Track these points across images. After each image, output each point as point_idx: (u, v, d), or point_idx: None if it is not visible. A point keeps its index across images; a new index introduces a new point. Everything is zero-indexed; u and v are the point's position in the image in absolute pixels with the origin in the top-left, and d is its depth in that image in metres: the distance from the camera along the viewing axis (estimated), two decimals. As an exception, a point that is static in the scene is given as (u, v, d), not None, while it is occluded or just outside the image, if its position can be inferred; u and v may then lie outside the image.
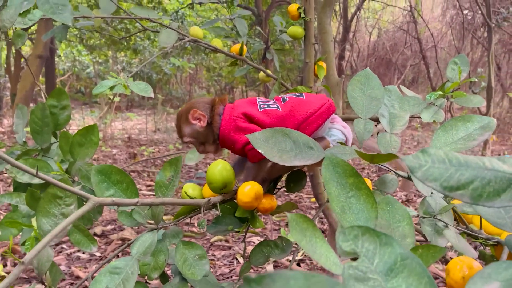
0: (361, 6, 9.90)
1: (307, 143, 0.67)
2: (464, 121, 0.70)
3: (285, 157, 0.65)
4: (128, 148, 5.25)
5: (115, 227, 2.52)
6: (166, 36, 1.43)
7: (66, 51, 10.63)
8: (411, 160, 0.38)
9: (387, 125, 0.76)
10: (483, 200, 0.35)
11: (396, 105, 0.80)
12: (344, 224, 0.48)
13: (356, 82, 0.79)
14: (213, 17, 9.71)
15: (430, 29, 12.72)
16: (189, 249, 0.82)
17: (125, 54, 10.35)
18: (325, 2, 1.66)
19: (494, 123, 0.69)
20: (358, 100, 0.76)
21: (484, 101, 1.10)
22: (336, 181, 0.51)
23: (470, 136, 0.68)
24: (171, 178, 0.85)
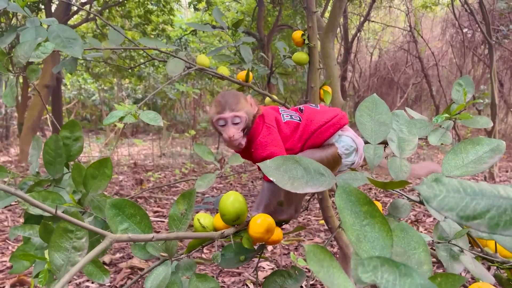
0: (361, 27, 10.04)
1: (318, 170, 0.68)
2: (474, 144, 0.71)
3: (297, 184, 0.66)
4: (135, 174, 5.26)
5: (124, 255, 2.51)
6: (174, 65, 1.46)
7: (72, 80, 10.80)
8: (426, 190, 0.39)
9: (396, 149, 0.77)
10: (500, 229, 0.35)
11: (405, 129, 0.81)
12: (361, 253, 0.48)
13: (363, 108, 0.80)
14: (216, 42, 9.86)
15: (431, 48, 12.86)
16: (202, 282, 0.83)
17: (130, 81, 10.51)
18: (327, 28, 1.69)
19: (504, 145, 0.69)
20: (366, 126, 0.77)
21: (491, 122, 1.11)
22: (350, 210, 0.51)
23: (480, 159, 0.68)
24: (185, 211, 0.85)
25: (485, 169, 0.67)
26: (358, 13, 10.79)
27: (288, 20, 7.52)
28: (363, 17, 9.78)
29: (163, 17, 9.09)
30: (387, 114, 0.79)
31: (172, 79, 1.42)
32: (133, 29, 9.23)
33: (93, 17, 7.62)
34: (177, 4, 9.28)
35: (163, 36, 9.03)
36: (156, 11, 8.92)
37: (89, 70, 8.65)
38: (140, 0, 8.49)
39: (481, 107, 5.51)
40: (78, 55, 1.19)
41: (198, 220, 0.92)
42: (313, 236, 2.84)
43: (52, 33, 1.15)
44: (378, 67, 13.74)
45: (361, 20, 10.14)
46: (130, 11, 8.72)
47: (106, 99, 11.53)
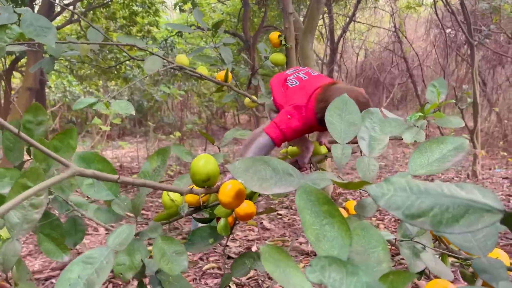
0: (346, 28, 10.11)
1: (287, 170, 0.69)
2: (439, 143, 0.72)
3: (265, 185, 0.66)
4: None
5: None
6: (151, 63, 1.46)
7: (56, 82, 10.67)
8: (375, 189, 0.39)
9: (366, 148, 0.78)
10: (443, 226, 0.36)
11: (377, 128, 0.82)
12: (320, 252, 0.49)
13: (334, 108, 0.81)
14: (202, 44, 9.84)
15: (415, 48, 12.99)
16: (168, 244, 0.79)
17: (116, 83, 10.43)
18: (306, 29, 1.70)
19: (467, 143, 0.71)
20: (336, 126, 0.78)
21: (463, 122, 1.13)
22: (311, 209, 0.52)
23: (444, 158, 0.70)
24: (157, 168, 0.84)
25: (448, 167, 0.68)
26: (344, 14, 10.88)
27: (274, 21, 7.54)
28: (349, 18, 9.87)
29: (149, 19, 9.04)
30: (356, 114, 0.80)
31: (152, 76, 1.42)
32: (118, 31, 9.17)
33: (76, 19, 7.55)
34: (162, 5, 9.24)
35: (148, 37, 8.98)
36: (141, 13, 8.87)
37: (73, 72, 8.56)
38: (125, 2, 8.44)
39: (463, 106, 5.59)
40: (52, 43, 1.16)
41: (168, 195, 0.92)
42: (298, 236, 2.86)
43: (25, 22, 1.13)
44: (364, 67, 13.86)
45: (346, 20, 10.23)
46: (115, 13, 8.65)
47: (92, 102, 11.40)
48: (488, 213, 0.36)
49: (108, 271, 0.67)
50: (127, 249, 0.77)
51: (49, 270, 2.06)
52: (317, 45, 12.18)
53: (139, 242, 0.81)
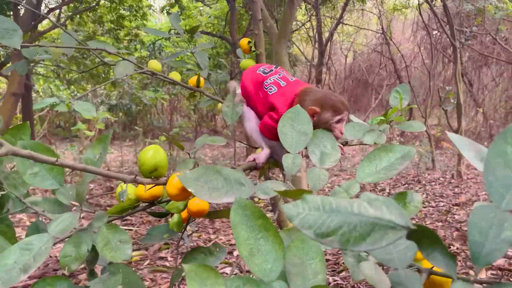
0: (333, 31, 10.16)
1: (239, 180, 0.69)
2: (387, 151, 0.73)
3: (215, 194, 0.66)
4: (107, 182, 5.19)
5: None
6: (123, 67, 1.45)
7: (43, 87, 10.58)
8: (290, 208, 0.40)
9: (317, 161, 0.79)
10: (350, 245, 0.37)
11: (328, 145, 0.84)
12: (252, 267, 0.50)
13: (287, 118, 0.82)
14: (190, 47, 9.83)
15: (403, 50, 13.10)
16: (113, 233, 0.78)
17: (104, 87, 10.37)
18: (280, 34, 1.72)
19: (414, 152, 0.72)
20: (288, 136, 0.79)
21: (424, 126, 1.15)
22: (246, 224, 0.52)
23: (391, 166, 0.71)
24: (100, 154, 0.84)
25: (394, 175, 0.70)
26: (331, 16, 10.93)
27: (260, 24, 7.56)
28: (337, 20, 9.92)
29: (136, 22, 9.00)
30: (308, 124, 0.81)
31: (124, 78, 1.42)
32: (106, 35, 9.13)
33: (63, 23, 7.50)
34: (150, 9, 9.22)
35: (136, 41, 8.96)
36: (129, 16, 8.83)
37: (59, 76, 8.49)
38: (112, 5, 8.40)
39: (447, 107, 5.65)
40: (17, 46, 1.16)
41: (121, 188, 0.92)
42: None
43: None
44: (353, 69, 13.95)
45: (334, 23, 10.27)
46: (102, 16, 8.62)
47: (80, 106, 11.33)
48: (392, 230, 0.37)
49: (45, 255, 0.67)
50: (74, 240, 0.77)
51: (27, 279, 2.05)
52: (306, 48, 12.22)
53: (86, 233, 0.79)
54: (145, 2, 8.89)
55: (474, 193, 4.13)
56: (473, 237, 0.37)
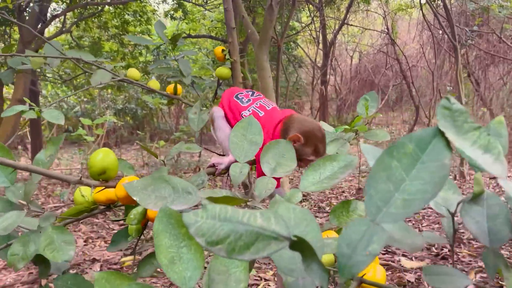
0: (338, 31, 10.13)
1: (186, 189, 0.71)
2: (332, 160, 0.74)
3: (160, 203, 0.68)
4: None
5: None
6: (100, 76, 1.48)
7: (51, 92, 10.73)
8: (189, 217, 0.42)
9: (269, 171, 0.79)
10: (235, 253, 0.38)
11: (286, 155, 0.84)
12: (171, 274, 0.51)
13: (239, 128, 0.83)
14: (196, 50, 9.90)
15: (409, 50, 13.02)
16: (58, 234, 0.80)
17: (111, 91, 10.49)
18: (261, 40, 1.73)
19: (356, 161, 0.73)
20: (238, 145, 0.80)
21: (389, 135, 1.15)
22: (170, 233, 0.54)
23: (334, 175, 0.72)
24: (51, 156, 0.87)
25: (336, 183, 0.71)
26: (336, 17, 10.91)
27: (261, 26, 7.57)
28: (341, 21, 9.89)
29: (141, 27, 9.09)
30: (260, 134, 0.83)
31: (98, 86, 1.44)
32: (111, 40, 9.23)
33: (68, 29, 7.60)
34: (154, 14, 9.29)
35: (141, 46, 9.03)
36: (133, 22, 8.92)
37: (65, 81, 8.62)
38: (117, 11, 8.50)
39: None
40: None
41: (80, 191, 0.94)
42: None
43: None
44: (358, 70, 13.89)
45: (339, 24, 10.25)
46: (107, 22, 8.71)
47: (88, 111, 11.48)
48: (275, 240, 0.38)
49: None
50: (22, 239, 0.78)
51: (19, 284, 2.09)
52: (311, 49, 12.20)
53: (35, 234, 0.81)
54: (149, 7, 8.97)
55: (476, 194, 4.09)
56: (342, 249, 0.38)
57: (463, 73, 10.06)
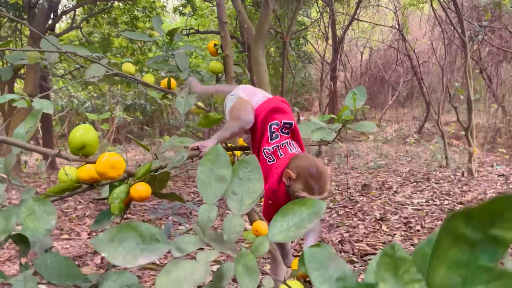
0: (347, 27, 10.06)
1: (154, 236, 0.67)
2: (300, 205, 0.70)
3: (129, 256, 0.64)
4: (117, 180, 5.31)
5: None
6: (94, 70, 1.51)
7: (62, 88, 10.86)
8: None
9: (235, 205, 0.74)
10: None
11: (253, 176, 0.78)
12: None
13: (206, 161, 0.76)
14: (203, 47, 9.92)
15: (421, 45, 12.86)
16: (39, 205, 0.81)
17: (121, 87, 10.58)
18: (257, 35, 1.73)
19: (324, 209, 0.69)
20: (206, 183, 0.74)
21: (375, 126, 1.15)
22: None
23: (301, 223, 0.68)
24: (30, 128, 0.89)
25: (304, 233, 0.67)
26: (346, 12, 10.82)
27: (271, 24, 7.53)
28: (351, 17, 9.81)
29: (150, 23, 9.14)
30: (227, 167, 0.76)
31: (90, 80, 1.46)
32: (121, 36, 9.31)
33: (77, 25, 7.69)
34: (163, 10, 9.33)
35: (150, 42, 9.08)
36: (143, 17, 8.98)
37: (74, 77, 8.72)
38: (126, 7, 8.55)
39: (456, 104, 5.54)
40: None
41: (64, 170, 0.97)
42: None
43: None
44: (369, 66, 13.78)
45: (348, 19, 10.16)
46: (117, 18, 8.78)
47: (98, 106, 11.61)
48: None
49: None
50: (4, 213, 0.79)
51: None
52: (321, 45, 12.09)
53: (17, 208, 0.81)
54: (158, 3, 9.01)
55: (482, 191, 4.04)
56: None
57: (476, 69, 9.92)
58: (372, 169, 6.26)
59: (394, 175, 5.60)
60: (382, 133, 11.42)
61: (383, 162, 6.99)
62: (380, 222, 3.08)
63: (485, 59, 10.07)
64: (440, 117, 6.49)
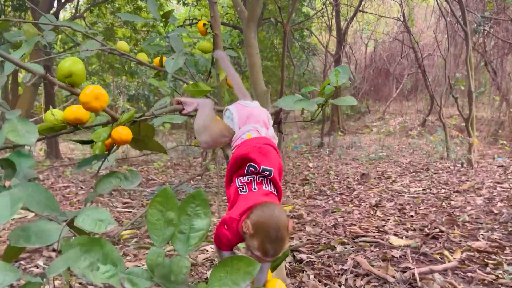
0: (352, 19, 10.00)
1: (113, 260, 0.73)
2: (238, 261, 0.77)
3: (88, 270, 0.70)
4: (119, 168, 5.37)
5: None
6: (89, 45, 1.54)
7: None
8: None
9: (182, 246, 0.77)
10: None
11: (200, 210, 0.81)
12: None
13: (155, 203, 0.79)
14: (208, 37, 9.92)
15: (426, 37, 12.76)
16: (22, 124, 0.88)
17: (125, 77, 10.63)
18: (249, 18, 1.76)
19: (257, 269, 0.75)
20: (156, 226, 0.78)
21: (355, 100, 1.18)
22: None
23: (236, 279, 0.74)
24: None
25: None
26: (351, 3, 10.76)
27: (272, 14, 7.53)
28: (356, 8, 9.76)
29: (154, 13, 9.13)
30: (176, 209, 0.79)
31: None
32: (124, 26, 9.33)
33: (81, 15, 7.73)
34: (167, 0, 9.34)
35: (153, 31, 9.10)
36: (146, 8, 8.98)
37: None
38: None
39: (457, 94, 5.52)
40: None
41: (51, 111, 1.04)
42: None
43: None
44: (373, 58, 13.71)
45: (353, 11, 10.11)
46: (120, 8, 8.81)
47: (103, 96, 11.69)
48: None
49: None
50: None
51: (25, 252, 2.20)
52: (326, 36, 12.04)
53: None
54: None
55: (480, 181, 4.05)
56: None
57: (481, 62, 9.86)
58: (373, 160, 6.28)
59: (394, 165, 5.61)
60: (385, 126, 11.40)
61: (385, 154, 7.01)
62: (375, 208, 3.11)
63: (490, 52, 10.01)
64: (442, 109, 6.48)
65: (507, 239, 2.30)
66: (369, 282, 1.74)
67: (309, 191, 3.96)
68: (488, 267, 1.90)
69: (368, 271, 1.80)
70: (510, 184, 3.83)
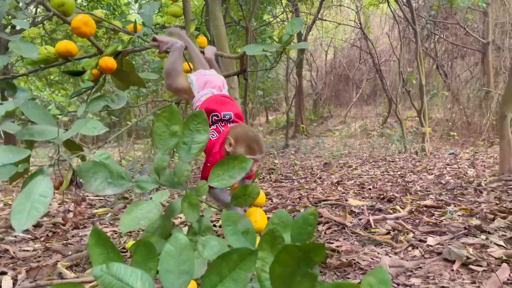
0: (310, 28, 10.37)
1: (120, 174, 0.83)
2: (233, 159, 0.89)
3: (100, 186, 0.80)
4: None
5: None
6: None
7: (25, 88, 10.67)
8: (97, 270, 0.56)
9: (184, 154, 0.88)
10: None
11: (201, 127, 0.91)
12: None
13: (162, 118, 0.89)
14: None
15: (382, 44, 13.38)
16: (23, 45, 1.05)
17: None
18: (214, -7, 1.92)
19: (250, 164, 0.88)
20: (162, 136, 0.88)
21: (308, 45, 1.35)
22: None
23: (233, 174, 0.88)
24: None
25: (233, 182, 0.88)
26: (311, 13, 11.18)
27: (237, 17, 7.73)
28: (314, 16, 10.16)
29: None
30: (180, 124, 0.89)
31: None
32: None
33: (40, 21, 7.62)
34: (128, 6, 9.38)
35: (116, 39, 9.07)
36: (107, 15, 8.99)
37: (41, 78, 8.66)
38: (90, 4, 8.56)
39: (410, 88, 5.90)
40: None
41: (44, 46, 1.20)
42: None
43: None
44: (333, 65, 14.22)
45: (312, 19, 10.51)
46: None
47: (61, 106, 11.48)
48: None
49: None
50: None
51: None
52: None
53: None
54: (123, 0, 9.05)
55: (433, 164, 4.36)
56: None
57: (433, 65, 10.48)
58: (336, 156, 6.54)
59: (355, 158, 5.89)
60: (347, 129, 11.81)
61: (346, 151, 7.30)
62: (337, 184, 3.32)
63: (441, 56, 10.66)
64: (398, 106, 6.87)
65: (453, 200, 2.55)
66: (330, 227, 1.91)
67: (275, 177, 4.13)
68: (433, 216, 2.12)
69: (329, 219, 1.98)
70: (459, 165, 4.15)
